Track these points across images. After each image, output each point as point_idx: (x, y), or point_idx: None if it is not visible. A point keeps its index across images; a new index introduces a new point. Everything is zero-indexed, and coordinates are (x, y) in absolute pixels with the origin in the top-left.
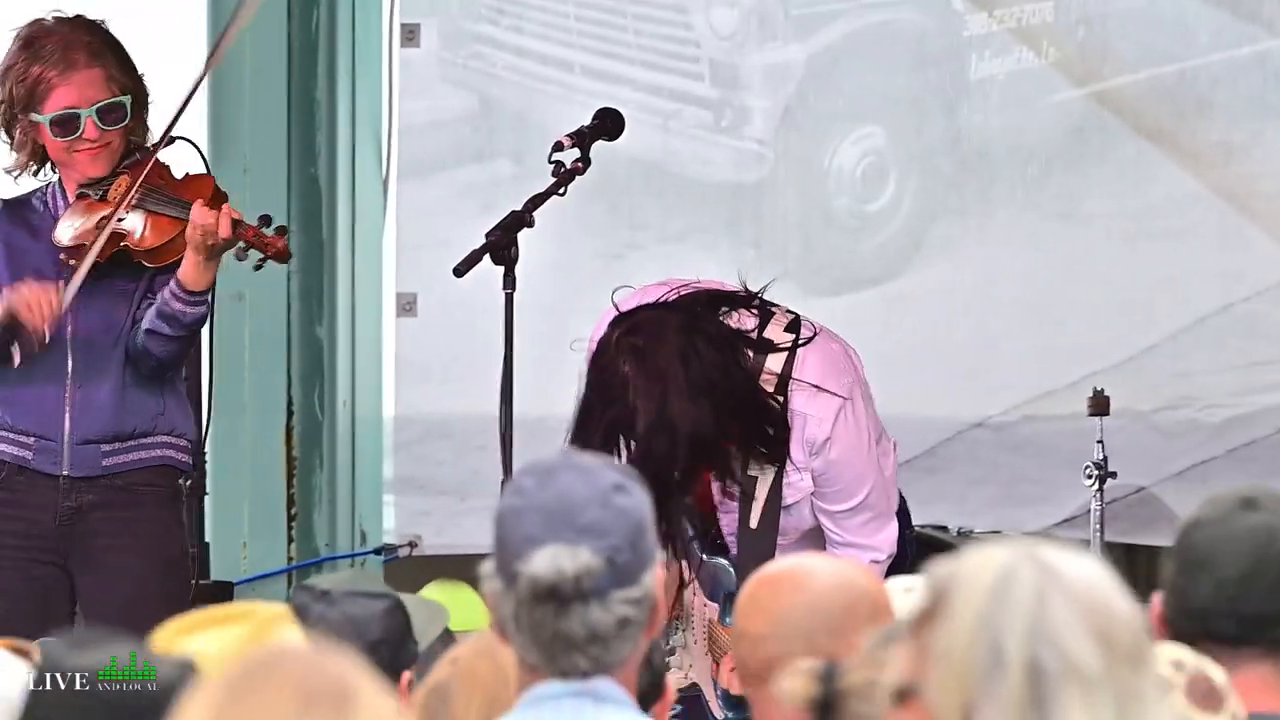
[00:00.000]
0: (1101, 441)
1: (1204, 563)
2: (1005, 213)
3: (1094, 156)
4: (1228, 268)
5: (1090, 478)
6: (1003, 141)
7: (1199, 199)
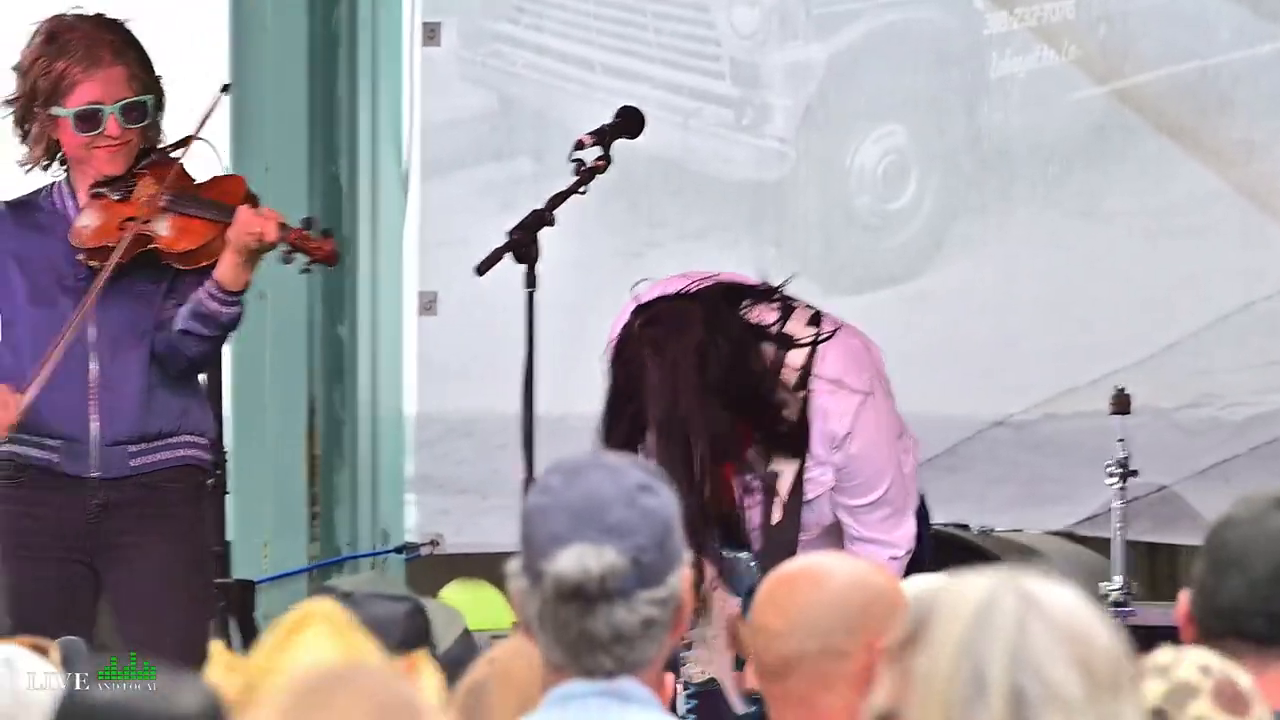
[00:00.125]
0: (1123, 440)
1: (1236, 562)
2: (1026, 211)
3: (1115, 154)
4: (1249, 265)
5: (1112, 476)
6: (1023, 140)
7: (1220, 197)
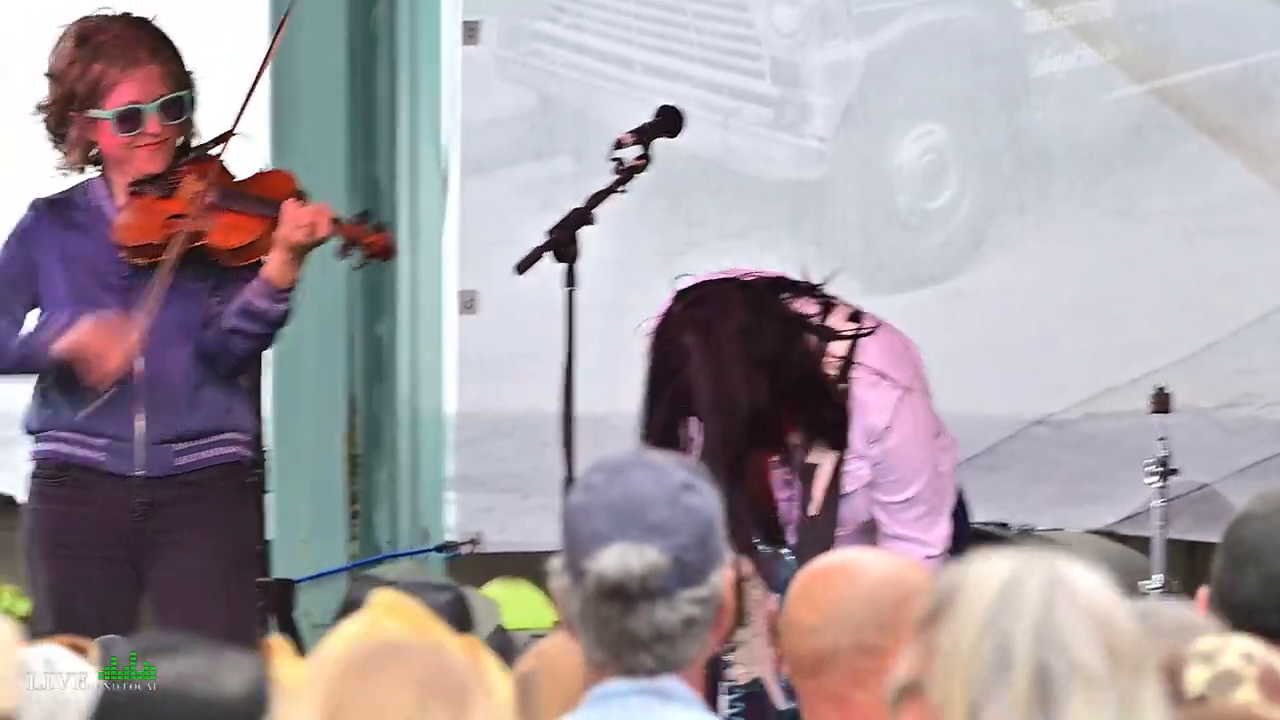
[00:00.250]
0: (1164, 439)
1: (1252, 557)
2: (1065, 210)
3: (1154, 154)
4: None
5: (1152, 475)
6: (1062, 139)
7: (1261, 195)
